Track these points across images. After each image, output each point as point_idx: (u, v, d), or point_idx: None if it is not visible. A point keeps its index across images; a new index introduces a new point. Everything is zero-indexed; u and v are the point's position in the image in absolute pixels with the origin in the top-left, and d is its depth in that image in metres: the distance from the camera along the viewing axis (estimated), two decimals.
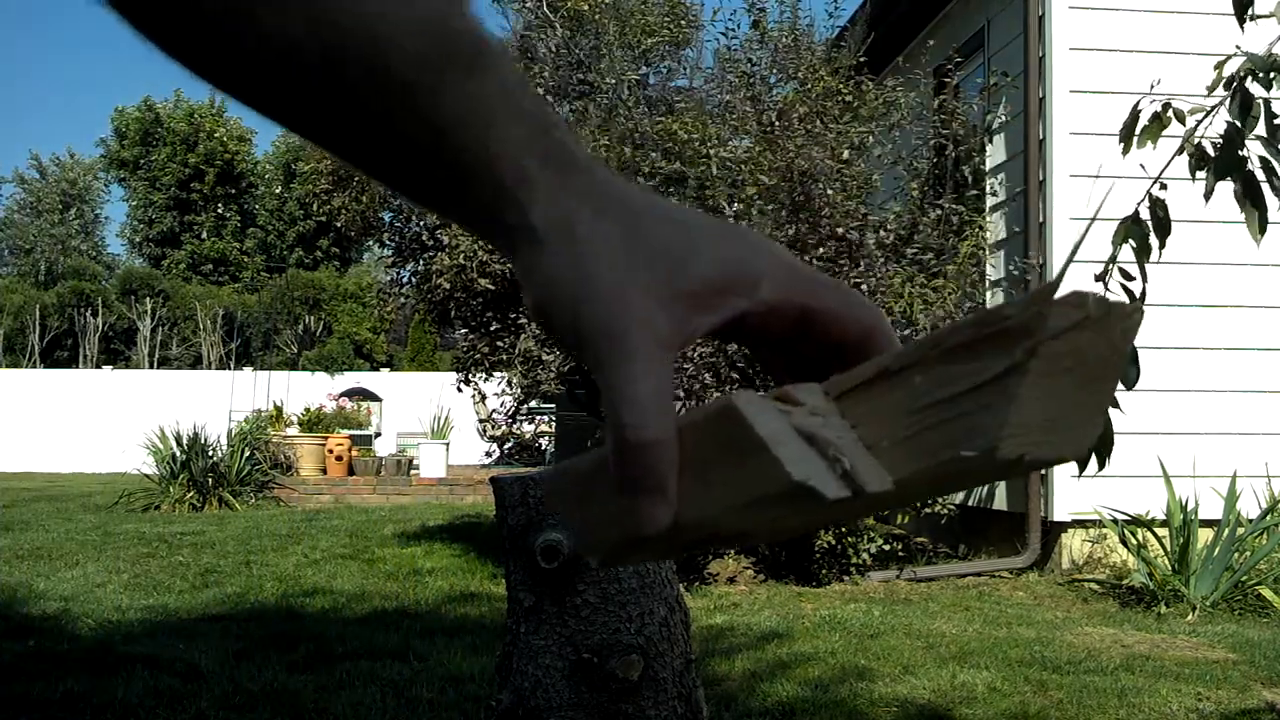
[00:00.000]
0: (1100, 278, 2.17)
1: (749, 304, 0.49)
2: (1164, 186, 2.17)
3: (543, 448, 14.35)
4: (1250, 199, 2.15)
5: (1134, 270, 2.15)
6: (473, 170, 0.48)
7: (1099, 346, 0.43)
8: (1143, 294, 2.13)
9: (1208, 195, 2.18)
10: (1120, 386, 2.11)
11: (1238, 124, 2.13)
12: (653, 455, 0.46)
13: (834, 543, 6.31)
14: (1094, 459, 2.11)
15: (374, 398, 17.76)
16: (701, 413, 0.47)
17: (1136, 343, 2.10)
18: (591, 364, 0.47)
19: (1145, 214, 2.18)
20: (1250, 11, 2.17)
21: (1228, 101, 2.15)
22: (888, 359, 0.45)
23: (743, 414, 0.45)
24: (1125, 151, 2.27)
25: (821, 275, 0.51)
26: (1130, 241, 2.18)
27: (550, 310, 0.48)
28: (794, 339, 0.51)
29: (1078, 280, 6.51)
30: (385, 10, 0.45)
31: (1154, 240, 2.17)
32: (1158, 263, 2.22)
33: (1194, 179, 2.19)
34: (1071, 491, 6.45)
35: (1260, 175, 2.14)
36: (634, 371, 0.46)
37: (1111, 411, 2.12)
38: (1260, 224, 2.17)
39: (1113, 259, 2.17)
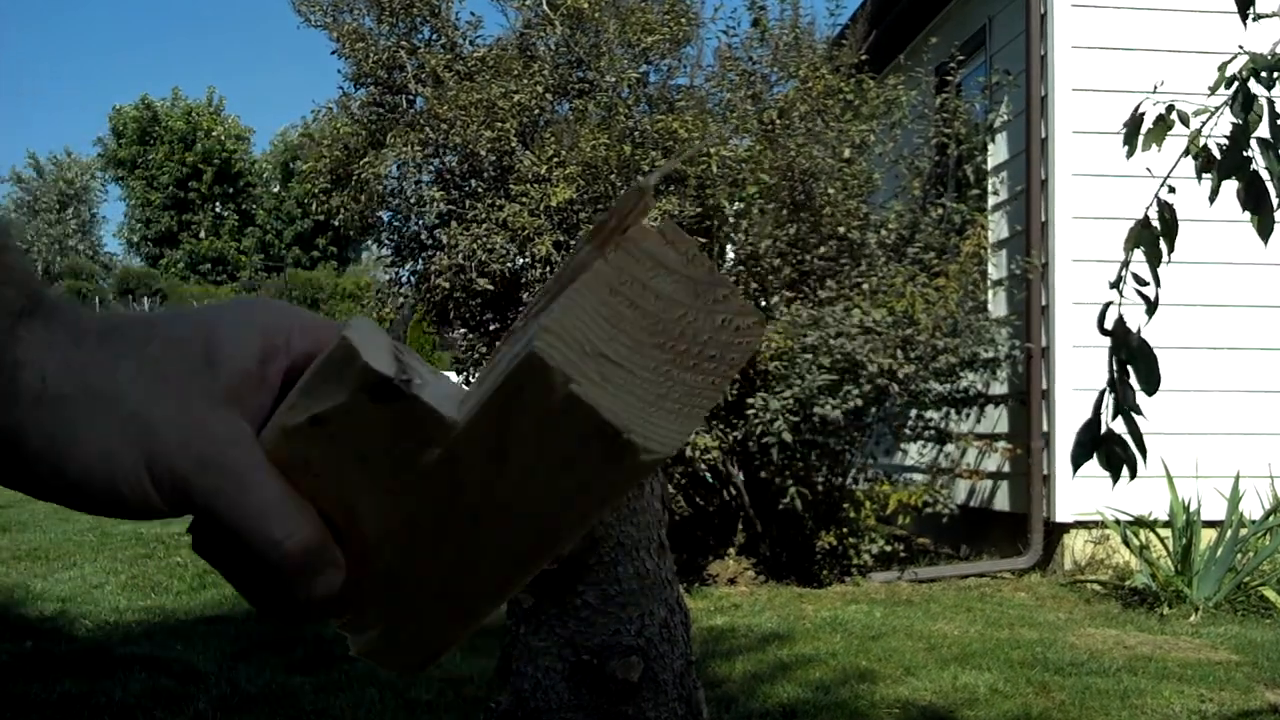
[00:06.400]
0: (1115, 284, 2.14)
1: (288, 361, 0.50)
2: (1172, 190, 2.14)
3: None
4: (1254, 201, 2.13)
5: (1147, 275, 2.13)
6: None
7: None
8: (1156, 299, 2.11)
9: (1213, 197, 2.15)
10: (1142, 393, 2.08)
11: (1241, 124, 2.11)
12: (314, 556, 0.48)
13: (835, 544, 6.28)
14: (1124, 470, 2.09)
15: None
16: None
17: (1156, 342, 2.09)
18: (199, 500, 0.47)
19: (1154, 218, 2.16)
20: (1253, 10, 2.14)
21: (1231, 102, 2.13)
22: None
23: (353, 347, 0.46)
24: (1130, 154, 2.25)
25: (318, 316, 0.53)
26: (1141, 246, 2.16)
27: (109, 467, 0.46)
28: None
29: (1089, 281, 6.43)
30: None
31: (1163, 245, 2.15)
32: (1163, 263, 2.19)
33: (1200, 181, 2.16)
34: (1074, 492, 6.42)
35: (1265, 176, 2.12)
36: (253, 482, 0.47)
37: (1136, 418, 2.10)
38: (1265, 225, 2.14)
39: (1125, 264, 2.14)
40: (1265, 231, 2.15)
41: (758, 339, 0.46)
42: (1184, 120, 2.21)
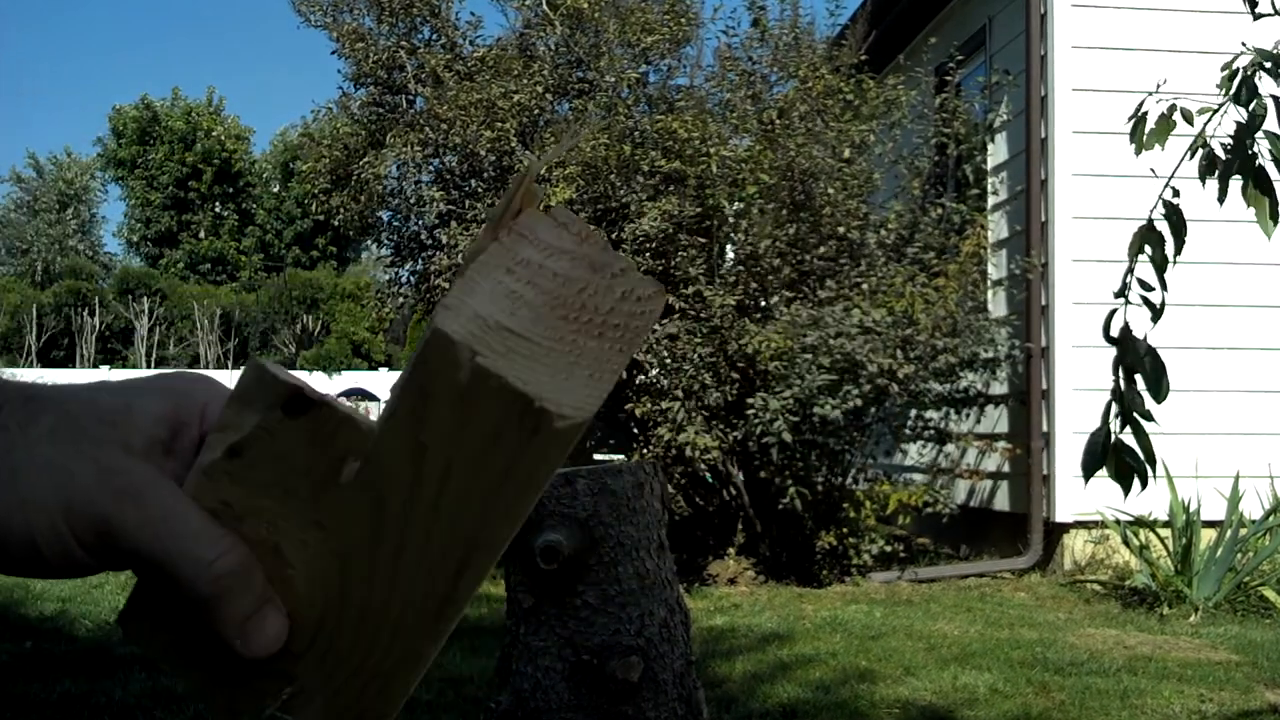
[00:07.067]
0: (1120, 293, 2.12)
1: (199, 433, 0.51)
2: (1176, 193, 2.13)
3: None
4: (1259, 189, 2.11)
5: (1151, 280, 2.11)
6: None
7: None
8: (1162, 304, 2.09)
9: (1221, 198, 2.14)
10: (1151, 400, 2.07)
11: (1245, 119, 2.10)
12: (245, 581, 0.48)
13: (835, 544, 6.28)
14: (1137, 481, 2.08)
15: (373, 398, 17.76)
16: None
17: (1155, 343, 2.08)
18: (120, 535, 0.47)
19: (1158, 221, 2.14)
20: (1259, 4, 2.13)
21: (1235, 97, 2.12)
22: None
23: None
24: (1138, 152, 2.23)
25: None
26: (1147, 250, 2.14)
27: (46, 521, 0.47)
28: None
29: (1089, 282, 6.45)
30: None
31: (1170, 249, 2.13)
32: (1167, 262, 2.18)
33: (1204, 185, 2.15)
34: (1074, 492, 6.42)
35: (1272, 170, 2.11)
36: (174, 509, 0.47)
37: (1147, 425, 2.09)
38: (1271, 213, 2.12)
39: (1130, 270, 2.13)
40: (1271, 220, 2.13)
41: (659, 307, 0.46)
42: (1187, 118, 2.20)
